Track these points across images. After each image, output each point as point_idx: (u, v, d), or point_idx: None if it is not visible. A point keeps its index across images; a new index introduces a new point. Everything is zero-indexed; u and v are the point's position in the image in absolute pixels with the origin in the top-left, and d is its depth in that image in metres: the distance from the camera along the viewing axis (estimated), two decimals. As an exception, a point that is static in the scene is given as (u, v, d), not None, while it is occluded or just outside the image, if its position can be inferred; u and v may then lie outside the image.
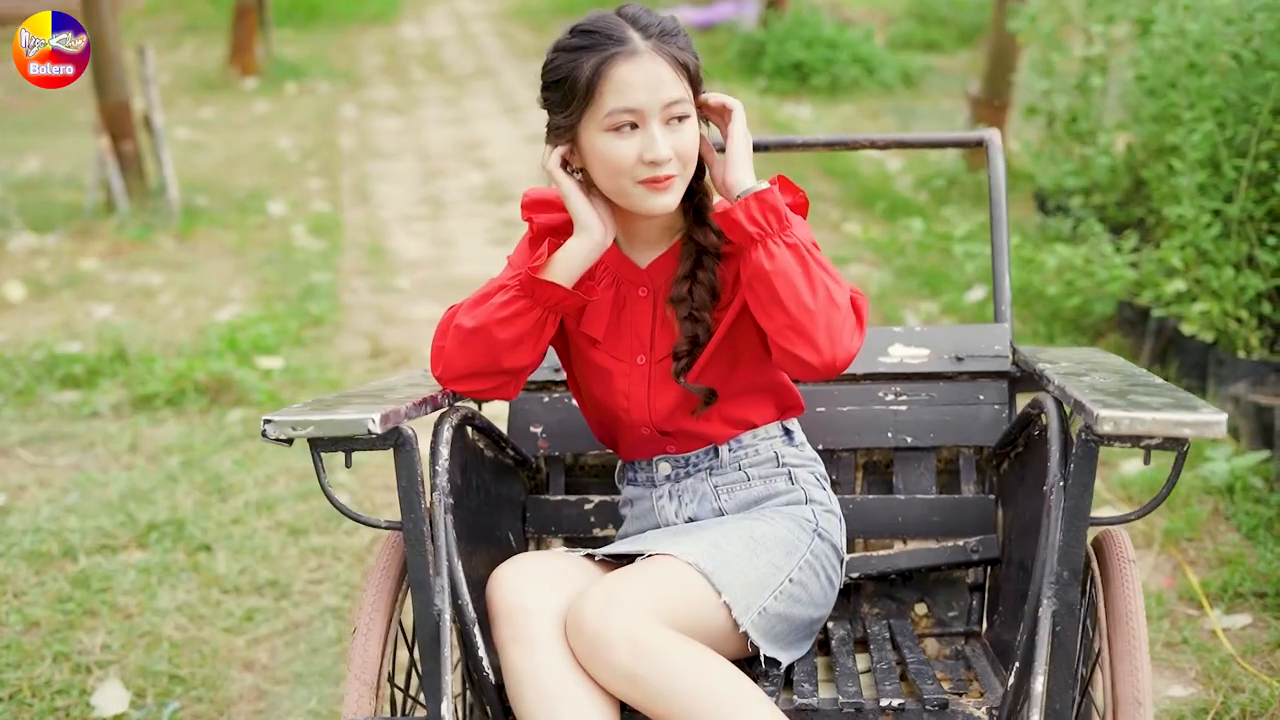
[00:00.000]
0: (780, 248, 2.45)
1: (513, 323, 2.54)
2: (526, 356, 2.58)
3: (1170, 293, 5.48)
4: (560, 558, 2.60)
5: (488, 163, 10.16)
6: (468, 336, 2.56)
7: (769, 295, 2.45)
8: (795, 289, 2.44)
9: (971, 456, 3.04)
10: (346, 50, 14.94)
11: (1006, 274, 3.19)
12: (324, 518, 4.68)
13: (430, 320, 6.79)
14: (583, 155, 2.53)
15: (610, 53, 2.45)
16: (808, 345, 2.45)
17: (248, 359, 6.05)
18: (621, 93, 2.45)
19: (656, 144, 2.45)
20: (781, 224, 2.46)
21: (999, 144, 3.30)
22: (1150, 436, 2.16)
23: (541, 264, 2.54)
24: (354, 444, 2.33)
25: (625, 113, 2.45)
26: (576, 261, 2.54)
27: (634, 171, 2.47)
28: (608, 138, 2.46)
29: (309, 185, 9.50)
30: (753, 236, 2.45)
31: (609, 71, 2.44)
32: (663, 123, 2.47)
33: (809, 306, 2.43)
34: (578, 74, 2.46)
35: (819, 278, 2.45)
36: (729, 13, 15.40)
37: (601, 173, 2.50)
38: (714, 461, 2.72)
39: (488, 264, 7.74)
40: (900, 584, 3.02)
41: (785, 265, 2.44)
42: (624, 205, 2.53)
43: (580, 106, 2.47)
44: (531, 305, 2.54)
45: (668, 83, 2.46)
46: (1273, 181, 5.39)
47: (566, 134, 2.52)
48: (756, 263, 2.45)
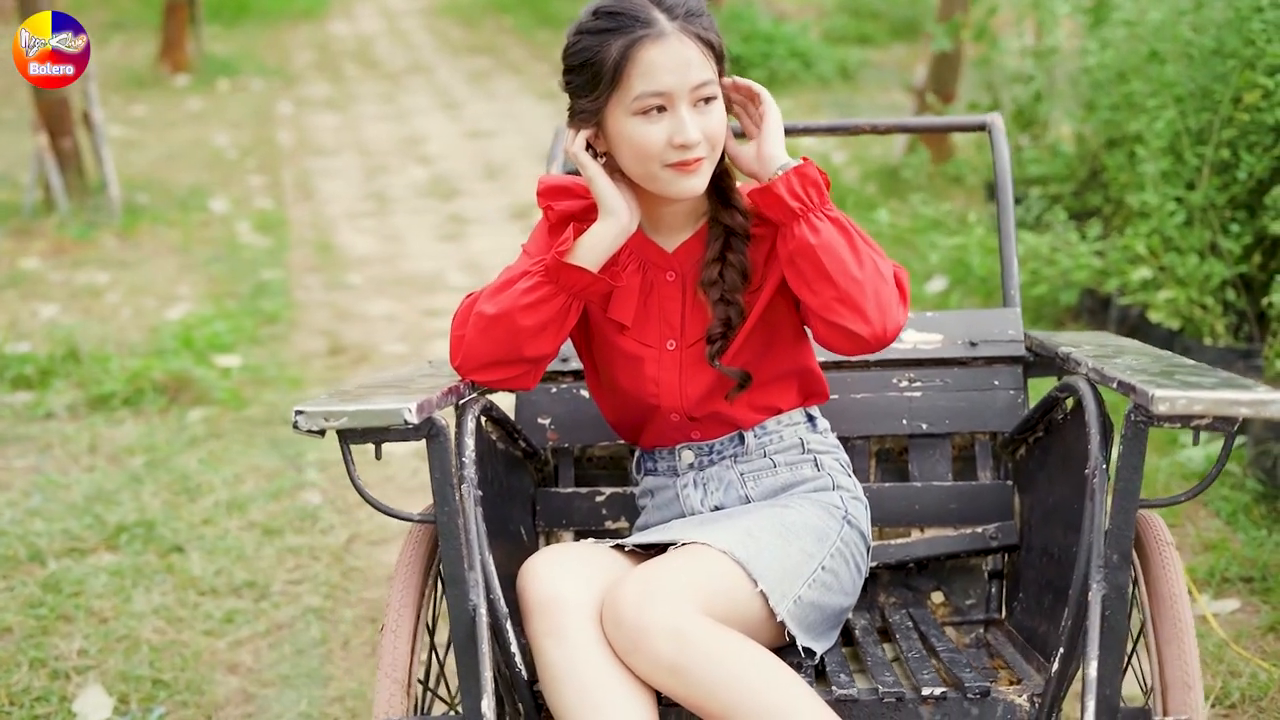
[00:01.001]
0: (824, 221, 2.42)
1: (537, 309, 2.48)
2: (549, 345, 2.52)
3: (1136, 280, 5.49)
4: (590, 549, 2.54)
5: (430, 158, 10.06)
6: (490, 324, 2.49)
7: (815, 270, 2.41)
8: (842, 261, 2.40)
9: (987, 442, 3.01)
10: (277, 47, 14.76)
11: (1014, 258, 3.17)
12: (298, 517, 4.59)
13: (386, 317, 6.71)
14: (608, 139, 2.47)
15: (637, 35, 2.40)
16: (858, 317, 2.41)
17: (204, 357, 5.94)
18: (649, 76, 2.39)
19: (686, 127, 2.40)
20: (822, 198, 2.43)
21: (1002, 128, 3.27)
22: (1202, 417, 2.14)
23: (566, 249, 2.48)
24: (386, 435, 2.27)
25: (654, 96, 2.40)
26: (602, 247, 2.49)
27: (663, 155, 2.42)
28: (636, 122, 2.41)
29: (250, 182, 9.36)
30: (795, 212, 2.41)
31: (636, 54, 2.39)
32: (691, 105, 2.42)
33: (857, 277, 2.40)
34: (603, 57, 2.40)
35: (864, 249, 2.42)
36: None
37: (629, 157, 2.44)
38: (739, 449, 2.68)
39: (439, 259, 7.66)
40: (916, 573, 2.98)
41: (830, 238, 2.40)
42: (652, 189, 2.47)
43: (607, 90, 2.41)
44: (556, 291, 2.48)
45: (695, 64, 2.42)
46: (1234, 169, 5.42)
47: (592, 118, 2.46)
48: (801, 237, 2.41)
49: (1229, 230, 5.37)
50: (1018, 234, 6.42)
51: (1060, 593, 2.59)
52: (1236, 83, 5.30)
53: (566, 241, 2.48)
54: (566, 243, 2.48)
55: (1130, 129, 6.02)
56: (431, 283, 7.24)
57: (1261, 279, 5.47)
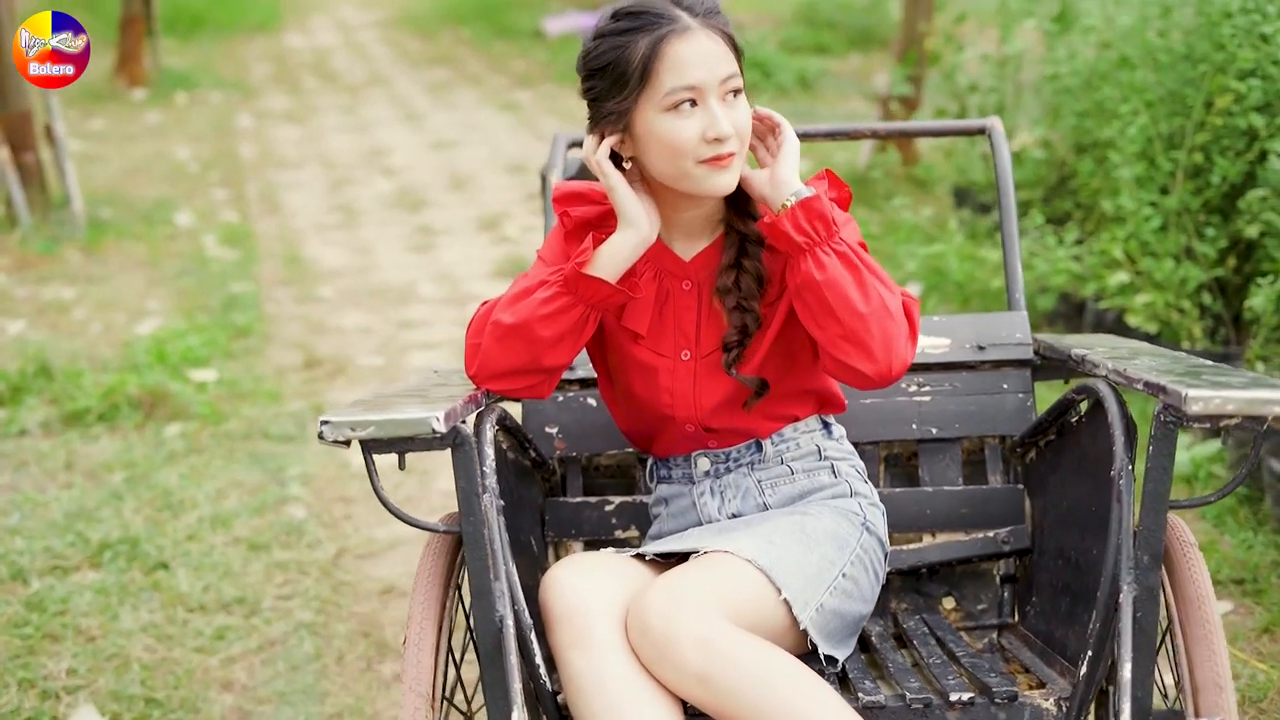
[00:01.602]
0: (830, 256, 2.39)
1: (555, 320, 2.46)
2: (566, 354, 2.50)
3: (1114, 285, 5.52)
4: (611, 558, 2.52)
5: (394, 170, 10.02)
6: (507, 333, 2.47)
7: (820, 305, 2.40)
8: (847, 298, 2.38)
9: (996, 446, 3.01)
10: (233, 60, 14.68)
11: (1018, 262, 3.17)
12: (284, 531, 4.54)
13: (360, 329, 6.66)
14: (636, 141, 2.44)
15: (664, 31, 2.38)
16: (862, 355, 2.40)
17: (179, 372, 5.87)
18: (679, 71, 2.37)
19: (719, 121, 2.38)
20: (829, 230, 2.39)
21: (1002, 132, 3.27)
22: (1232, 416, 2.14)
23: (585, 260, 2.45)
24: (411, 444, 2.24)
25: (685, 90, 2.38)
26: (621, 257, 2.47)
27: (696, 151, 2.39)
28: (667, 118, 2.39)
29: (214, 196, 9.29)
30: (800, 246, 2.39)
31: (664, 50, 2.37)
32: (720, 99, 2.40)
33: (862, 313, 2.38)
34: (630, 56, 2.38)
35: (871, 285, 2.39)
36: (619, 18, 15.36)
37: (661, 156, 2.42)
38: (756, 456, 2.66)
39: (410, 271, 7.62)
40: (927, 578, 2.98)
41: (836, 274, 2.38)
42: (682, 188, 2.44)
43: (636, 89, 2.39)
44: (575, 302, 2.46)
45: (722, 58, 2.41)
46: (1207, 174, 5.46)
47: (619, 120, 2.43)
48: (806, 272, 2.39)
49: (1204, 234, 5.41)
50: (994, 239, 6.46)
51: (1079, 596, 2.59)
52: (1208, 87, 5.34)
53: (585, 252, 2.46)
54: (585, 253, 2.46)
55: (1102, 135, 6.06)
56: (404, 294, 7.20)
57: (1236, 282, 5.51)
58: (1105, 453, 2.53)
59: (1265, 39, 5.25)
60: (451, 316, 6.84)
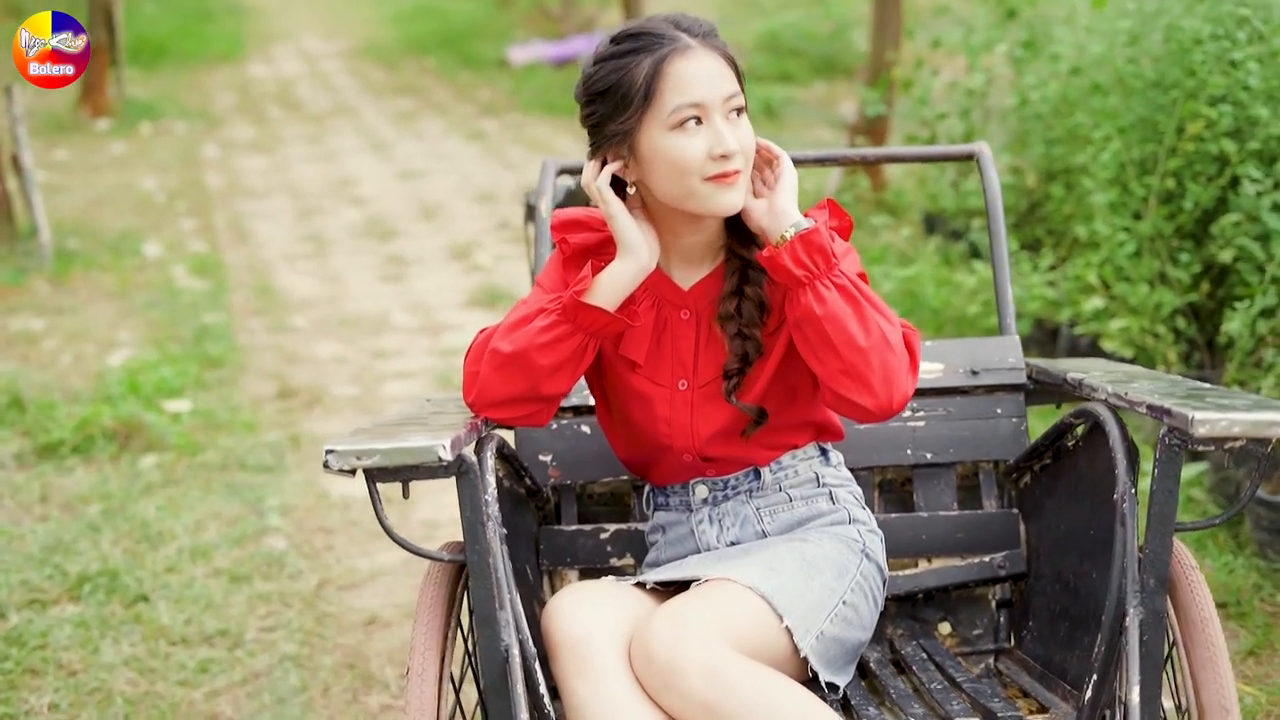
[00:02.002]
0: (829, 289, 2.39)
1: (554, 348, 2.45)
2: (565, 383, 2.49)
3: (1089, 310, 5.54)
4: (612, 586, 2.51)
5: (363, 199, 9.99)
6: (506, 361, 2.46)
7: (820, 339, 2.39)
8: (847, 331, 2.38)
9: (991, 471, 3.01)
10: (197, 90, 14.62)
11: (1009, 286, 3.18)
12: (264, 563, 4.51)
13: (335, 359, 6.63)
14: (641, 163, 2.43)
15: (666, 50, 2.39)
16: (863, 389, 2.39)
17: (153, 403, 5.83)
18: (683, 88, 2.38)
19: (725, 137, 2.38)
20: (829, 264, 2.39)
21: (990, 157, 3.29)
22: (1237, 439, 2.15)
23: (584, 288, 2.44)
24: (415, 473, 2.23)
25: (690, 107, 2.38)
26: (621, 285, 2.46)
27: (702, 168, 2.39)
28: (673, 136, 2.38)
29: (182, 226, 9.24)
30: (800, 279, 2.39)
31: (667, 69, 2.38)
32: (723, 116, 2.40)
33: (863, 347, 2.37)
34: (633, 76, 2.38)
35: (871, 318, 2.39)
36: (583, 47, 15.39)
37: (666, 175, 2.41)
38: (754, 484, 2.65)
39: (382, 300, 7.59)
40: (923, 604, 2.97)
41: (836, 308, 2.38)
42: (688, 208, 2.44)
43: (639, 109, 2.39)
44: (574, 330, 2.45)
45: (724, 77, 2.41)
46: (1180, 199, 5.50)
47: (623, 142, 2.43)
48: (805, 306, 2.39)
49: (1178, 260, 5.44)
50: (969, 264, 6.49)
51: (1078, 620, 2.59)
52: (1179, 114, 5.38)
53: (584, 280, 2.45)
54: (585, 281, 2.45)
55: (1074, 161, 6.09)
56: (377, 324, 7.17)
57: (1210, 307, 5.54)
58: (1104, 476, 2.54)
59: (1235, 65, 5.30)
60: (425, 346, 6.82)
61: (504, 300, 7.43)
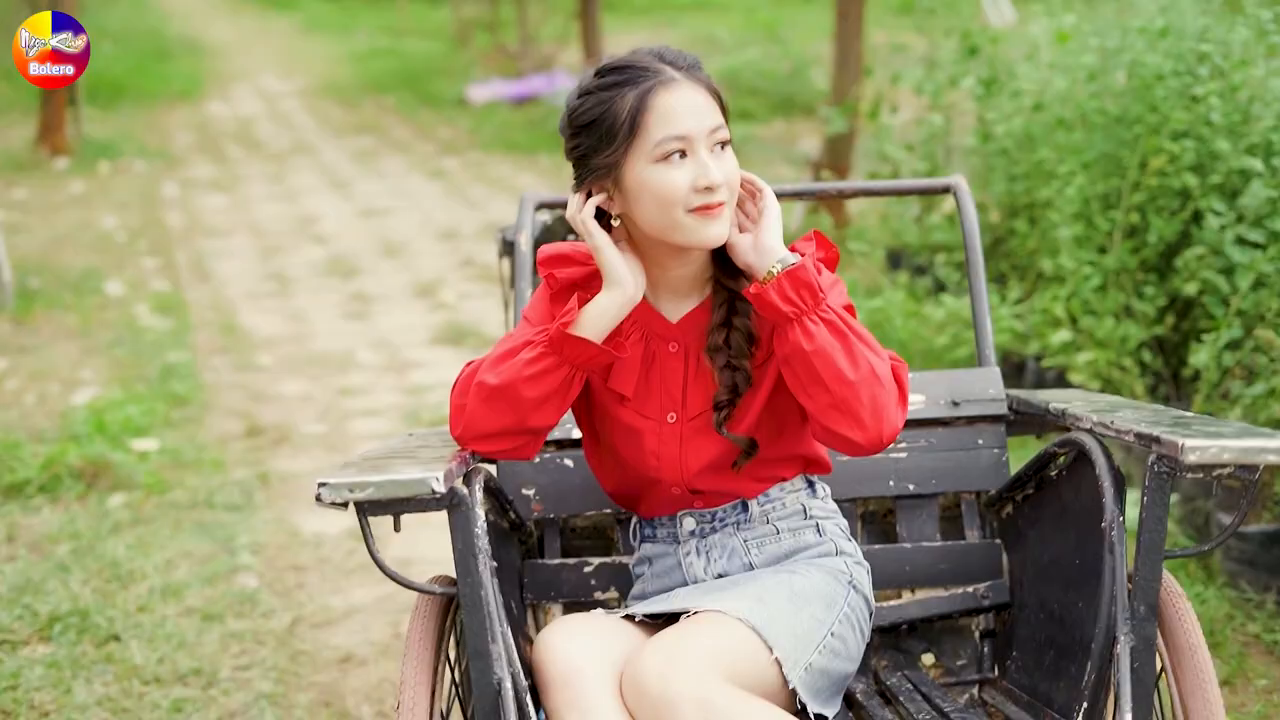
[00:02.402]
0: (818, 325, 2.40)
1: (540, 380, 2.44)
2: (552, 416, 2.49)
3: (1057, 343, 5.58)
4: (602, 619, 2.52)
5: (325, 238, 9.97)
6: (492, 394, 2.46)
7: (809, 374, 2.40)
8: (836, 366, 2.38)
9: (973, 501, 3.02)
10: (156, 129, 14.57)
11: (988, 318, 3.20)
12: (237, 601, 4.48)
13: (301, 397, 6.61)
14: (626, 195, 2.44)
15: (651, 83, 2.40)
16: (853, 423, 2.40)
17: (120, 442, 5.78)
18: (668, 121, 2.39)
19: (709, 169, 2.40)
20: (816, 299, 2.40)
21: (967, 189, 3.31)
22: (1225, 465, 2.17)
23: (570, 320, 2.45)
24: (407, 505, 2.22)
25: (675, 140, 2.39)
26: (607, 317, 2.46)
27: (687, 200, 2.40)
28: (658, 169, 2.39)
29: (143, 265, 9.19)
30: (787, 315, 2.40)
31: (652, 102, 2.39)
32: (708, 149, 2.41)
33: (851, 381, 2.38)
34: (618, 109, 2.40)
35: (860, 353, 2.40)
36: (542, 86, 15.42)
37: (651, 207, 2.42)
38: (742, 516, 2.66)
39: (347, 338, 7.57)
40: (906, 635, 2.98)
41: (824, 343, 2.39)
42: (673, 240, 2.44)
43: (625, 142, 2.40)
44: (560, 363, 2.45)
45: (709, 109, 2.43)
46: (1144, 233, 5.55)
47: (608, 174, 2.44)
48: (794, 342, 2.40)
49: (1143, 293, 5.49)
50: (937, 298, 6.52)
51: (1064, 649, 2.60)
52: (1143, 149, 5.43)
53: (571, 312, 2.45)
54: (571, 313, 2.45)
55: (1039, 196, 6.14)
56: (343, 362, 7.15)
57: (1175, 340, 5.59)
58: (1088, 505, 2.55)
59: (1196, 100, 5.37)
60: (392, 384, 6.80)
61: (470, 338, 7.42)
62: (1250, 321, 5.14)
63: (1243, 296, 5.10)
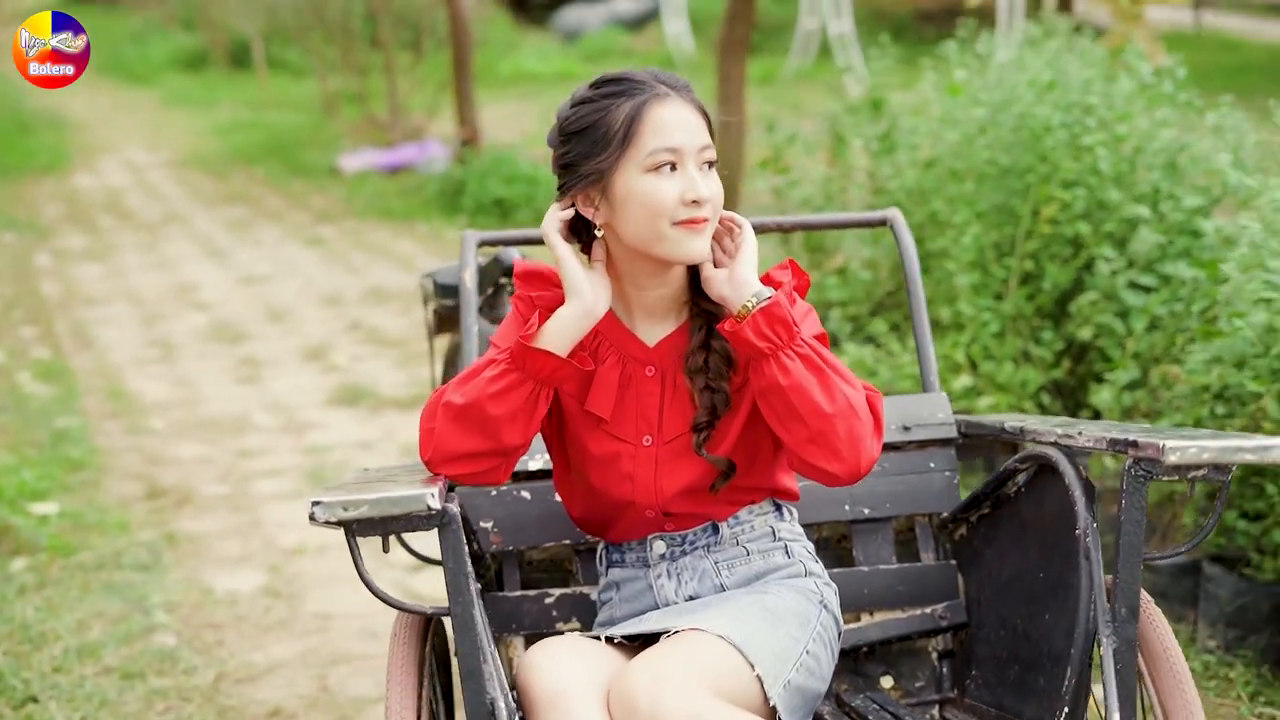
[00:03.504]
0: (793, 360, 2.43)
1: (505, 397, 2.44)
2: (520, 434, 2.48)
3: (959, 388, 5.68)
4: (582, 641, 2.51)
5: (206, 304, 9.84)
6: (459, 414, 2.45)
7: (786, 409, 2.44)
8: (813, 400, 2.42)
9: (926, 524, 3.07)
10: (23, 201, 14.29)
11: (930, 346, 3.26)
12: (156, 659, 4.38)
13: (199, 460, 6.50)
14: (613, 204, 2.47)
15: (646, 96, 2.46)
16: (830, 456, 2.44)
17: (17, 506, 5.64)
18: (662, 133, 2.44)
19: (698, 184, 2.44)
20: (791, 334, 2.44)
21: (903, 222, 3.38)
22: (1203, 465, 2.23)
23: (533, 333, 2.46)
24: (398, 524, 2.21)
25: (667, 152, 2.43)
26: (568, 330, 2.47)
27: (674, 212, 2.44)
28: (649, 179, 2.43)
29: (21, 334, 8.99)
30: (763, 351, 2.44)
31: (647, 113, 2.44)
32: (697, 166, 2.45)
33: (828, 414, 2.42)
34: (613, 117, 2.44)
35: (836, 386, 2.44)
36: (413, 155, 15.39)
37: (638, 217, 2.45)
38: (712, 539, 2.67)
39: (241, 402, 7.47)
40: (864, 658, 3.00)
41: (800, 378, 2.42)
42: (656, 252, 2.47)
43: (618, 149, 2.43)
44: (524, 378, 2.45)
45: (699, 128, 2.48)
46: (1039, 280, 5.69)
47: (596, 182, 2.46)
48: (771, 377, 2.43)
49: (1040, 338, 5.62)
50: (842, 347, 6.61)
51: (1030, 663, 2.64)
52: (1035, 198, 5.58)
53: (532, 326, 2.46)
54: (532, 327, 2.46)
55: (935, 245, 6.26)
56: (238, 425, 7.05)
57: (1071, 384, 5.73)
58: (1052, 519, 2.61)
59: (1084, 150, 5.53)
60: (291, 445, 6.72)
61: (366, 398, 7.36)
62: (1145, 363, 5.29)
63: (1138, 339, 5.25)
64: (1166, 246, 5.40)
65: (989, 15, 19.40)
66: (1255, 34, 18.40)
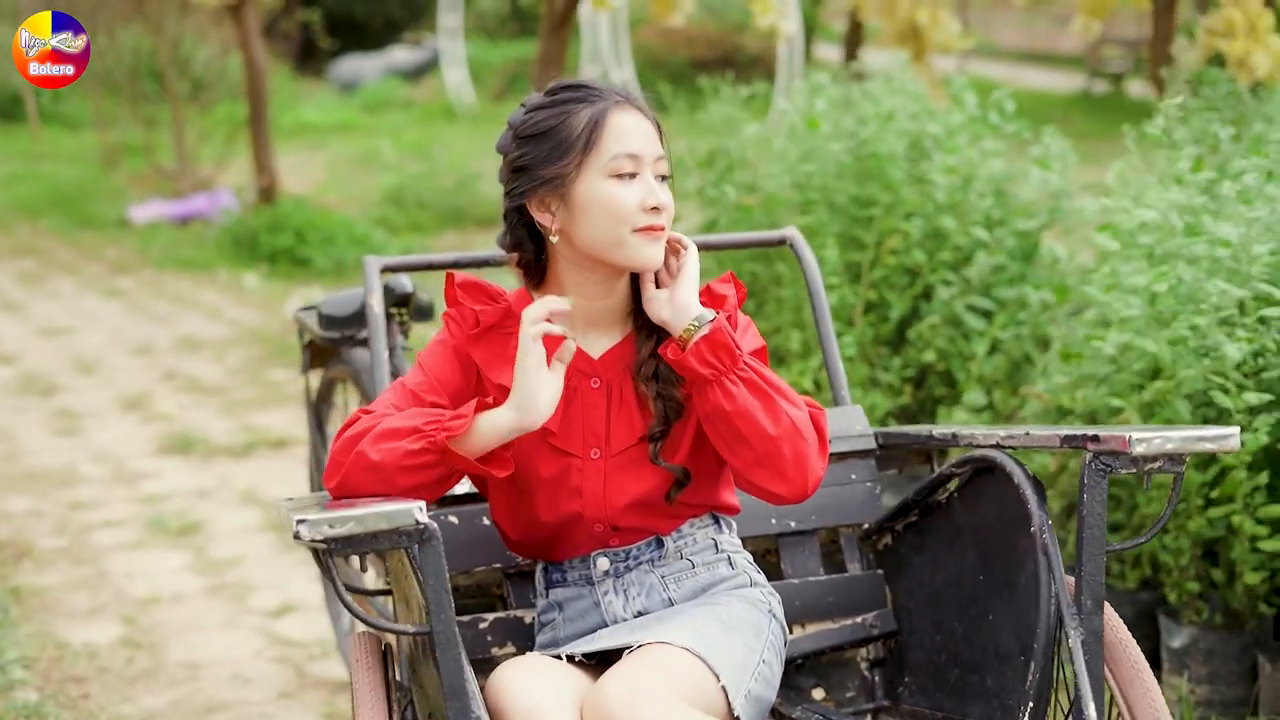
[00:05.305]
0: (737, 385, 2.45)
1: (417, 473, 2.42)
2: (426, 495, 2.43)
3: (808, 414, 5.75)
4: (545, 660, 2.49)
5: (10, 357, 9.47)
6: (368, 469, 2.42)
7: (732, 433, 2.46)
8: (758, 424, 2.44)
9: (851, 535, 3.10)
10: None
11: (839, 361, 3.31)
12: (22, 715, 4.20)
13: (31, 513, 6.25)
14: (571, 210, 2.46)
15: (606, 104, 2.48)
16: (777, 478, 2.48)
17: None
18: (623, 139, 2.45)
19: (657, 191, 2.47)
20: (734, 359, 2.46)
21: (803, 240, 3.43)
22: (1162, 457, 2.30)
23: (462, 428, 2.41)
24: (377, 542, 2.15)
25: (628, 158, 2.45)
26: (499, 434, 2.44)
27: (634, 219, 2.45)
28: (610, 184, 2.44)
29: None
30: (707, 378, 2.45)
31: (608, 120, 2.45)
32: (653, 176, 2.46)
33: (773, 436, 2.45)
34: (574, 122, 2.45)
35: (780, 408, 2.46)
36: (205, 205, 15.09)
37: (599, 221, 2.45)
38: (657, 553, 2.66)
39: (64, 454, 7.20)
40: (795, 671, 3.02)
41: (745, 403, 2.44)
42: (613, 258, 2.48)
43: (579, 154, 2.44)
44: (440, 462, 2.42)
45: (655, 140, 2.51)
46: (884, 308, 5.82)
47: (556, 187, 2.45)
48: (715, 403, 2.45)
49: (887, 366, 5.74)
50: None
51: (972, 664, 2.69)
52: (879, 228, 5.71)
53: (463, 419, 2.42)
54: (464, 420, 2.42)
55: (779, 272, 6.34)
56: (66, 477, 6.79)
57: (914, 409, 5.86)
58: (992, 521, 2.66)
59: (923, 180, 5.69)
60: (125, 495, 6.49)
61: (198, 446, 7.16)
62: (988, 385, 5.45)
63: (980, 362, 5.40)
64: (1000, 271, 5.57)
65: (766, 63, 19.85)
66: (1014, 80, 19.09)
